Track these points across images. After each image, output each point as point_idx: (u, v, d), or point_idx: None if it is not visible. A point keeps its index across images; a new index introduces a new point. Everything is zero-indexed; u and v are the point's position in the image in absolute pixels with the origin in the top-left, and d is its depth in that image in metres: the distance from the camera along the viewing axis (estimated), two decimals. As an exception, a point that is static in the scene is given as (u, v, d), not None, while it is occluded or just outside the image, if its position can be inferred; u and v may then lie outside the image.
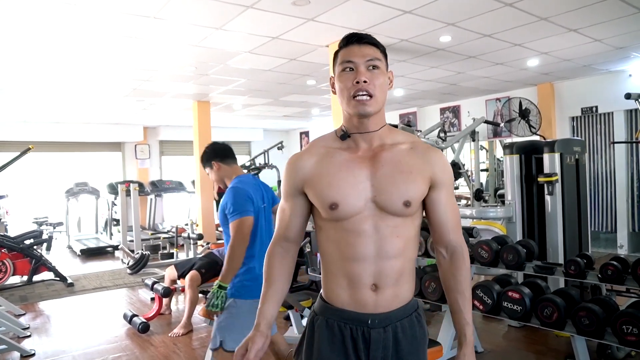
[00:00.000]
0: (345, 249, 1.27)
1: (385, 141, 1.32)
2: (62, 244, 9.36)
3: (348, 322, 1.28)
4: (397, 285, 1.29)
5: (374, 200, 1.26)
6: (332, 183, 1.27)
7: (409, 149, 1.32)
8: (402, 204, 1.26)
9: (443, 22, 4.37)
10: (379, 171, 1.27)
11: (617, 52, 5.68)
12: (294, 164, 1.35)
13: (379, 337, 1.27)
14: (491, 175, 8.02)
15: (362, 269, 1.26)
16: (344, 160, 1.30)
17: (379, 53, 1.30)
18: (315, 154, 1.33)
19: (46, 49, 4.69)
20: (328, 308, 1.32)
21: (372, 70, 1.27)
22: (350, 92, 1.25)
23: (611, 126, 7.07)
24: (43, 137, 9.59)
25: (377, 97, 1.27)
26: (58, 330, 4.42)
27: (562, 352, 3.44)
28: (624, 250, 6.89)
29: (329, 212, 1.27)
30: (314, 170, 1.31)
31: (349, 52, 1.28)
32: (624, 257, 2.94)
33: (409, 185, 1.27)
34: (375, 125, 1.31)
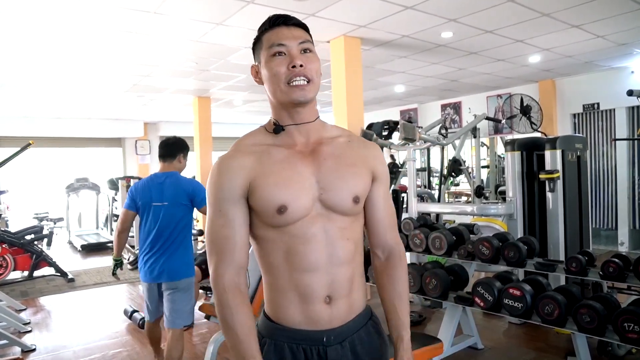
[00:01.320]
0: (294, 258, 1.13)
1: (322, 134, 1.21)
2: (62, 240, 9.37)
3: (301, 343, 1.14)
4: (350, 294, 1.18)
5: (321, 199, 1.14)
6: (278, 182, 1.11)
7: (347, 142, 1.22)
8: (352, 200, 1.15)
9: (444, 17, 4.35)
10: (323, 166, 1.15)
11: (619, 48, 5.65)
12: (227, 166, 1.15)
13: (336, 355, 1.14)
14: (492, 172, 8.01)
15: (315, 280, 1.12)
16: (284, 156, 1.15)
17: (309, 36, 1.18)
18: (250, 152, 1.16)
19: (47, 44, 4.67)
20: (276, 329, 1.17)
21: (306, 54, 1.14)
22: (285, 78, 1.12)
23: (613, 123, 7.05)
24: (43, 132, 9.59)
25: (315, 82, 1.14)
26: (59, 326, 4.43)
27: (563, 349, 3.44)
28: (625, 248, 6.89)
29: (276, 216, 1.11)
30: (255, 170, 1.13)
31: (278, 34, 1.14)
32: (626, 255, 2.93)
33: (357, 179, 1.18)
34: (311, 115, 1.19)
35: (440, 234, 3.54)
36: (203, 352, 3.51)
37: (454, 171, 6.84)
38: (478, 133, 7.15)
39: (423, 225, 3.92)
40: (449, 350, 3.32)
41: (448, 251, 3.51)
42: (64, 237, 9.46)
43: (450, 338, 3.36)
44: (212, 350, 2.89)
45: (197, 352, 3.69)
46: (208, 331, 4.12)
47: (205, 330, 4.18)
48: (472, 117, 6.58)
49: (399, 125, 4.50)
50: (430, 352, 2.57)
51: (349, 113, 4.91)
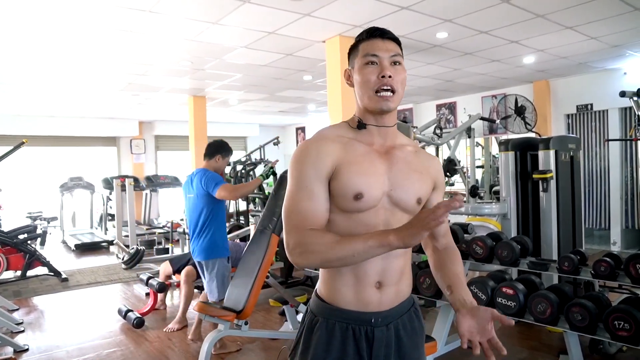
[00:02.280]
0: None
1: (395, 140, 1.34)
2: (56, 239, 9.32)
3: (350, 323, 1.25)
4: (399, 282, 1.30)
5: (389, 195, 1.26)
6: (359, 172, 1.23)
7: (414, 152, 1.36)
8: (416, 200, 1.28)
9: (439, 18, 4.37)
10: (395, 167, 1.28)
11: (612, 50, 5.69)
12: (318, 148, 1.24)
13: (382, 336, 1.26)
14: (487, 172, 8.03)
15: (370, 266, 1.24)
16: (365, 151, 1.27)
17: (400, 49, 1.30)
18: (337, 141, 1.27)
19: (41, 42, 4.65)
20: (328, 308, 1.28)
21: (395, 66, 1.26)
22: (374, 86, 1.24)
23: (606, 124, 7.11)
24: (37, 131, 9.53)
25: (399, 93, 1.27)
26: (52, 326, 4.41)
27: (556, 347, 3.47)
28: (617, 247, 6.94)
29: (352, 202, 1.21)
30: (342, 157, 1.23)
31: (373, 45, 1.26)
32: (617, 254, 2.96)
33: (422, 183, 1.31)
34: (392, 121, 1.32)
35: (435, 234, 3.55)
36: (197, 350, 3.51)
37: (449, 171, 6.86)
38: (473, 133, 7.17)
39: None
40: (442, 349, 3.34)
41: (442, 250, 3.52)
42: (58, 237, 9.41)
43: (444, 337, 3.37)
44: (207, 348, 2.89)
45: (192, 351, 3.69)
46: (202, 330, 4.12)
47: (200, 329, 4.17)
48: (467, 117, 6.62)
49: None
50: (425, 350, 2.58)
51: (344, 113, 4.92)
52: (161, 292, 4.58)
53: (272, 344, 3.79)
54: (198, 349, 3.48)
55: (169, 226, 7.51)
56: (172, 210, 10.58)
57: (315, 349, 1.26)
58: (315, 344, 1.27)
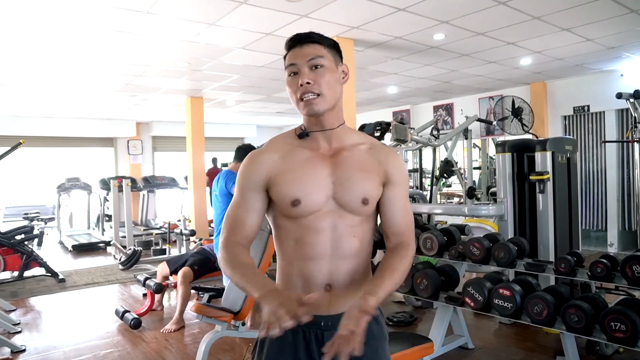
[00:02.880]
0: (302, 247, 1.27)
1: (344, 141, 1.33)
2: (53, 240, 9.30)
3: (301, 325, 1.17)
4: (350, 286, 1.28)
5: (334, 197, 1.26)
6: (296, 179, 1.26)
7: (367, 149, 1.34)
8: (361, 201, 1.27)
9: (437, 20, 4.38)
10: (339, 169, 1.28)
11: (609, 51, 5.72)
12: (255, 159, 1.32)
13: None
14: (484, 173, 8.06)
15: (317, 268, 1.26)
16: (307, 157, 1.30)
17: (323, 49, 1.28)
18: (278, 150, 1.32)
19: (38, 43, 4.65)
20: None
21: (316, 70, 1.25)
22: (298, 95, 1.25)
23: (603, 125, 7.13)
24: (34, 131, 9.51)
25: (325, 95, 1.25)
26: (49, 326, 4.40)
27: (552, 349, 3.48)
28: (614, 249, 6.96)
29: (290, 208, 1.26)
30: (278, 166, 1.29)
31: (292, 55, 1.27)
32: (613, 255, 2.97)
33: (367, 183, 1.29)
34: (333, 122, 1.31)
35: (432, 235, 3.56)
36: (194, 352, 3.51)
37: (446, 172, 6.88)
38: (470, 134, 7.19)
39: (415, 226, 3.94)
40: (439, 350, 3.34)
41: (439, 252, 3.53)
42: (55, 237, 9.39)
43: (441, 338, 3.38)
44: (204, 349, 2.89)
45: (189, 352, 3.69)
46: (200, 331, 4.11)
47: (197, 330, 4.17)
48: (464, 118, 6.63)
49: (391, 127, 4.53)
50: (421, 351, 2.59)
51: (342, 114, 4.92)
52: (158, 293, 4.58)
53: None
54: (195, 350, 3.48)
55: (166, 227, 7.50)
56: (169, 211, 10.57)
57: (269, 350, 1.29)
58: (269, 345, 1.30)
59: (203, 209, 8.25)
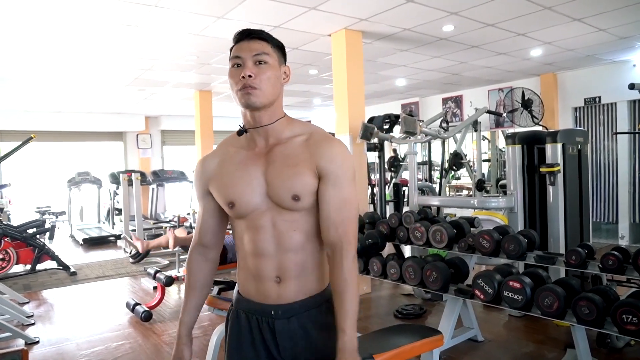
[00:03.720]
0: (248, 244, 1.32)
1: (282, 135, 1.32)
2: (64, 233, 9.40)
3: (254, 313, 1.33)
4: (300, 277, 1.31)
5: (268, 195, 1.29)
6: (229, 182, 1.31)
7: (303, 141, 1.30)
8: (291, 198, 1.26)
9: (446, 11, 4.34)
10: (271, 166, 1.29)
11: (621, 42, 5.63)
12: (200, 167, 1.41)
13: (283, 327, 1.30)
14: (493, 166, 8.02)
15: (265, 263, 1.30)
16: (242, 158, 1.33)
17: (269, 47, 1.30)
18: (219, 155, 1.39)
19: (48, 38, 4.67)
20: (239, 299, 1.39)
21: (259, 65, 1.27)
22: (238, 86, 1.26)
23: (614, 117, 7.04)
24: (45, 126, 9.59)
25: (264, 90, 1.26)
26: (61, 319, 4.46)
27: (562, 341, 3.47)
28: (625, 241, 6.90)
29: (229, 210, 1.32)
30: (216, 172, 1.36)
31: (238, 48, 1.30)
32: (625, 248, 2.94)
33: (295, 178, 1.25)
34: (269, 119, 1.30)
35: (441, 227, 3.55)
36: (205, 344, 3.54)
37: (455, 165, 6.85)
38: (479, 127, 7.14)
39: (424, 219, 3.93)
40: (449, 343, 3.34)
41: (449, 244, 3.52)
42: (66, 231, 9.49)
43: (451, 330, 3.38)
44: (216, 341, 2.91)
45: (200, 345, 3.72)
46: (210, 324, 4.15)
47: (207, 322, 4.21)
48: (473, 110, 6.58)
49: (400, 119, 4.50)
50: (431, 344, 2.59)
51: (350, 107, 4.91)
52: (169, 286, 4.62)
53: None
54: (206, 343, 3.51)
55: (175, 220, 7.54)
56: (179, 205, 10.63)
57: (230, 336, 1.40)
58: (229, 331, 1.40)
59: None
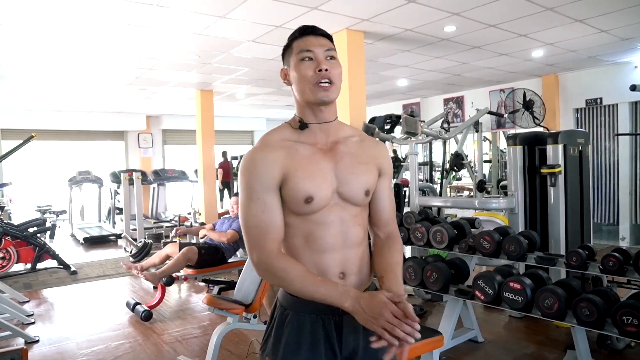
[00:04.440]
0: (314, 241, 1.29)
1: (338, 134, 1.36)
2: (65, 232, 9.41)
3: (320, 314, 1.29)
4: (360, 271, 1.35)
5: (338, 191, 1.30)
6: (307, 176, 1.26)
7: (359, 142, 1.38)
8: (364, 193, 1.33)
9: (447, 11, 4.34)
10: (340, 162, 1.31)
11: (623, 43, 5.63)
12: (263, 157, 1.27)
13: (349, 322, 1.27)
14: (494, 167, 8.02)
15: (331, 259, 1.30)
16: (309, 153, 1.31)
17: (333, 45, 1.33)
18: (281, 147, 1.29)
19: (49, 37, 4.68)
20: (297, 302, 1.29)
21: (331, 61, 1.29)
22: (312, 80, 1.26)
23: (616, 118, 7.04)
24: (46, 125, 9.62)
25: (337, 85, 1.30)
26: (62, 318, 4.46)
27: (563, 342, 3.46)
28: (626, 243, 6.90)
29: (303, 205, 1.26)
30: (287, 163, 1.26)
31: (306, 42, 1.29)
32: (626, 249, 2.94)
33: (369, 175, 1.35)
34: (331, 115, 1.34)
35: (442, 228, 3.55)
36: (205, 344, 3.54)
37: (456, 165, 6.85)
38: (480, 127, 7.14)
39: (424, 219, 3.93)
40: (449, 343, 3.34)
41: (449, 245, 3.52)
42: (67, 230, 9.50)
43: (451, 331, 3.38)
44: (216, 341, 2.92)
45: (200, 344, 3.72)
46: (210, 323, 4.15)
47: (207, 322, 4.21)
48: (474, 111, 6.58)
49: (401, 119, 4.50)
50: (431, 344, 2.60)
51: (351, 107, 4.91)
52: (169, 286, 4.62)
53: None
54: (206, 342, 3.51)
55: (176, 220, 7.55)
56: (180, 204, 10.64)
57: (287, 342, 1.30)
58: (287, 337, 1.30)
59: (213, 201, 8.29)
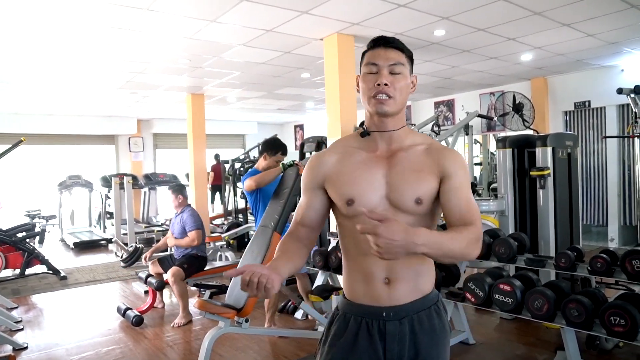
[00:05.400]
0: (359, 244, 1.31)
1: (403, 142, 1.38)
2: (55, 237, 9.33)
3: (364, 316, 1.33)
4: (409, 279, 1.33)
5: (388, 197, 1.31)
6: (350, 180, 1.34)
7: (424, 150, 1.38)
8: (414, 201, 1.30)
9: (437, 16, 4.37)
10: (393, 169, 1.33)
11: (609, 47, 5.70)
12: (316, 161, 1.43)
13: (394, 330, 1.31)
14: (485, 169, 8.06)
15: (375, 264, 1.30)
16: (363, 159, 1.36)
17: (404, 57, 1.35)
18: (337, 153, 1.41)
19: (39, 40, 4.65)
20: (347, 303, 1.39)
21: (394, 75, 1.32)
22: (371, 92, 1.31)
23: (603, 121, 7.12)
24: (35, 129, 9.52)
25: (396, 99, 1.32)
26: (51, 324, 4.42)
27: (553, 343, 3.49)
28: (615, 244, 6.96)
29: (346, 207, 1.33)
30: (335, 168, 1.38)
31: (374, 54, 1.33)
32: (613, 250, 2.98)
33: (420, 183, 1.32)
34: (394, 125, 1.36)
35: (433, 231, 3.56)
36: (197, 348, 3.53)
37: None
38: (471, 130, 7.19)
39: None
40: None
41: (440, 247, 3.53)
42: (57, 235, 9.41)
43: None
44: (207, 346, 2.91)
45: (191, 349, 3.70)
46: (202, 327, 4.13)
47: (199, 327, 4.19)
48: (465, 114, 6.63)
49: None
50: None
51: (342, 110, 4.93)
52: (160, 290, 4.59)
53: (272, 340, 3.81)
54: (197, 347, 3.49)
55: (167, 224, 7.51)
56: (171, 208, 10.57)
57: (332, 339, 1.38)
58: (333, 334, 1.39)
59: (205, 205, 8.25)
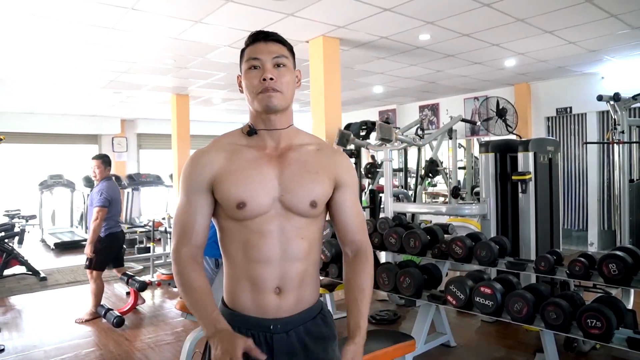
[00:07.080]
0: (249, 250, 1.23)
1: (292, 141, 1.31)
2: (35, 238, 9.17)
3: (250, 329, 1.23)
4: (300, 288, 1.26)
5: (281, 200, 1.24)
6: (240, 180, 1.23)
7: (315, 150, 1.33)
8: (309, 204, 1.25)
9: (422, 20, 4.41)
10: (286, 170, 1.26)
11: (590, 54, 5.81)
12: (199, 159, 1.28)
13: (282, 343, 1.23)
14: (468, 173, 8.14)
15: (267, 272, 1.23)
16: (252, 157, 1.27)
17: (286, 50, 1.29)
18: (223, 150, 1.28)
19: (20, 38, 4.58)
20: (230, 314, 1.26)
21: (279, 68, 1.26)
22: (257, 89, 1.24)
23: (584, 127, 7.25)
24: (16, 128, 9.33)
25: (285, 94, 1.26)
26: (29, 325, 4.34)
27: (532, 346, 3.54)
28: (595, 248, 7.09)
29: (236, 211, 1.22)
30: (223, 167, 1.25)
31: (255, 49, 1.28)
32: (591, 254, 3.03)
33: (316, 185, 1.27)
34: (282, 123, 1.29)
35: (415, 234, 3.59)
36: (178, 350, 3.50)
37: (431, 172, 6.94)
38: (455, 134, 7.26)
39: (398, 225, 3.97)
40: (422, 348, 3.38)
41: (422, 250, 3.56)
42: (37, 235, 9.26)
43: (424, 336, 3.41)
44: (188, 347, 2.88)
45: (173, 351, 3.67)
46: (184, 329, 4.10)
47: (180, 328, 4.15)
48: (449, 118, 6.69)
49: (376, 126, 4.55)
50: (403, 349, 2.62)
51: (327, 113, 4.94)
52: (142, 291, 4.55)
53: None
54: (179, 349, 3.47)
55: (150, 225, 7.44)
56: (154, 209, 10.47)
57: None
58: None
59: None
